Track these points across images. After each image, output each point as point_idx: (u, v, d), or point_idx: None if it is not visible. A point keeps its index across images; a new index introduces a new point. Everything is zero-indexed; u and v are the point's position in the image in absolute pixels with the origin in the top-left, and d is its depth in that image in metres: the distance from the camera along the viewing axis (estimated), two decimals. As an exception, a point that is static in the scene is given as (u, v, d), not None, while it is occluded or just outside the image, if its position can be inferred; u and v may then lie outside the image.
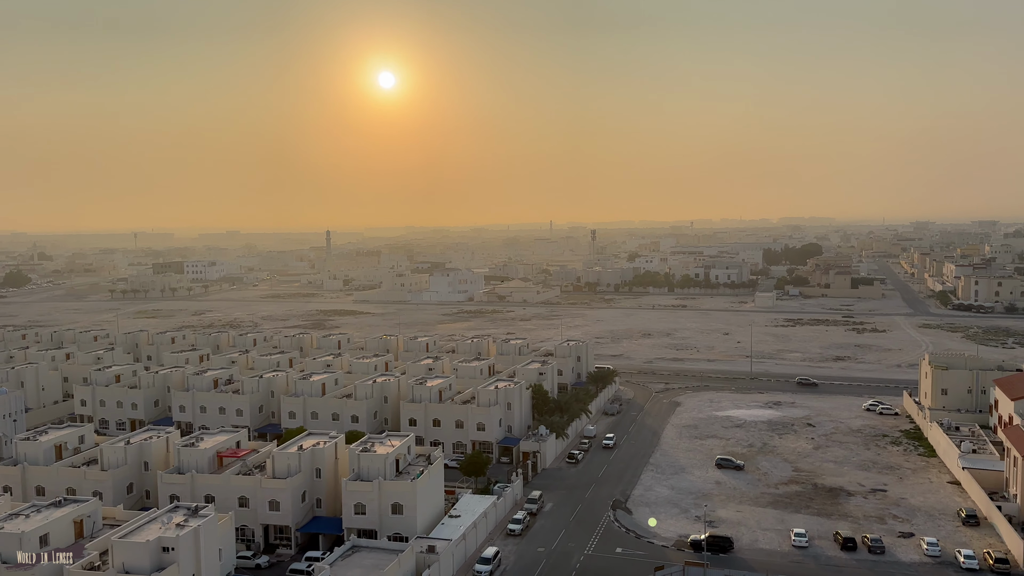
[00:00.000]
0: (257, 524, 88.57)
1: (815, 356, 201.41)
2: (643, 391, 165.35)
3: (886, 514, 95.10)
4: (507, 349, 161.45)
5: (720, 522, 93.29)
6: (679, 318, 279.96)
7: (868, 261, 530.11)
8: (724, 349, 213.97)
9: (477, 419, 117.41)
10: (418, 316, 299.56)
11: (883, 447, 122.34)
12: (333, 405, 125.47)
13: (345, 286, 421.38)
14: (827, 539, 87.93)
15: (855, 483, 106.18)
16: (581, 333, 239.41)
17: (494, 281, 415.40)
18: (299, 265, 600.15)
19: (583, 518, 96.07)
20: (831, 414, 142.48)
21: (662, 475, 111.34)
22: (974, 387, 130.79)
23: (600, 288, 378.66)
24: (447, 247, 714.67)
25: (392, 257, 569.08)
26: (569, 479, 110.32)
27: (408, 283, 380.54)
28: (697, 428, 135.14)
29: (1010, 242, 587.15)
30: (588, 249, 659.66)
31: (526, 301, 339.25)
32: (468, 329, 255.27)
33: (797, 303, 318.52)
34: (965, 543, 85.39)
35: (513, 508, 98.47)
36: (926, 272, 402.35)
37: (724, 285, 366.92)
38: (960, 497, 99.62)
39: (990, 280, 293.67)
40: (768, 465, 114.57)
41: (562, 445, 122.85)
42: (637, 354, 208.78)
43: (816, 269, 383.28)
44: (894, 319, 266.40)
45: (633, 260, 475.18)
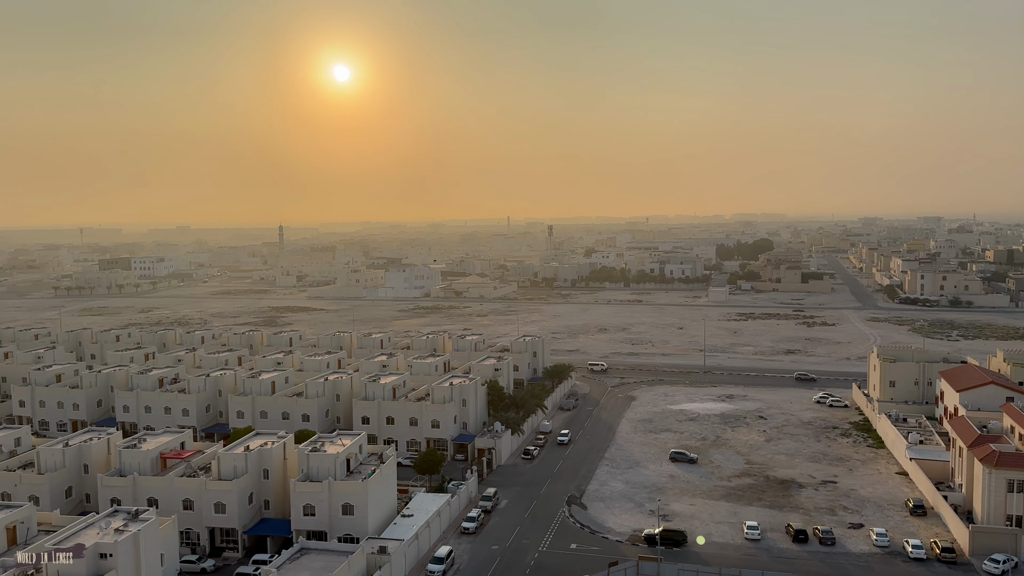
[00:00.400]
0: (202, 527, 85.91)
1: (767, 350, 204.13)
2: (599, 386, 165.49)
3: (836, 505, 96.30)
4: (463, 345, 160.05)
5: (674, 516, 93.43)
6: (635, 313, 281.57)
7: (818, 256, 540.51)
8: (678, 343, 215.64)
9: (432, 416, 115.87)
10: (373, 312, 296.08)
11: (833, 439, 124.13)
12: (283, 404, 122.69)
13: (299, 282, 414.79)
14: (779, 531, 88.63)
15: (806, 475, 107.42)
16: (538, 328, 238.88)
17: (451, 277, 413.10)
18: (251, 261, 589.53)
19: (538, 515, 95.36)
20: (782, 407, 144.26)
21: (617, 470, 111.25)
22: (921, 379, 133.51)
23: (557, 283, 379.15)
24: (404, 243, 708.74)
25: (348, 253, 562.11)
26: (524, 475, 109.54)
27: (363, 279, 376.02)
28: (652, 422, 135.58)
29: (954, 237, 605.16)
30: (545, 245, 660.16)
31: (483, 297, 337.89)
32: (424, 325, 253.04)
33: (749, 297, 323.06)
34: (913, 533, 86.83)
35: (468, 506, 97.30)
36: (874, 267, 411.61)
37: (679, 280, 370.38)
38: (908, 488, 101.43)
39: (935, 274, 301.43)
40: (721, 458, 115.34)
41: (518, 441, 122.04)
42: (593, 349, 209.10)
43: (768, 264, 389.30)
44: (843, 313, 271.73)
45: (590, 256, 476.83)
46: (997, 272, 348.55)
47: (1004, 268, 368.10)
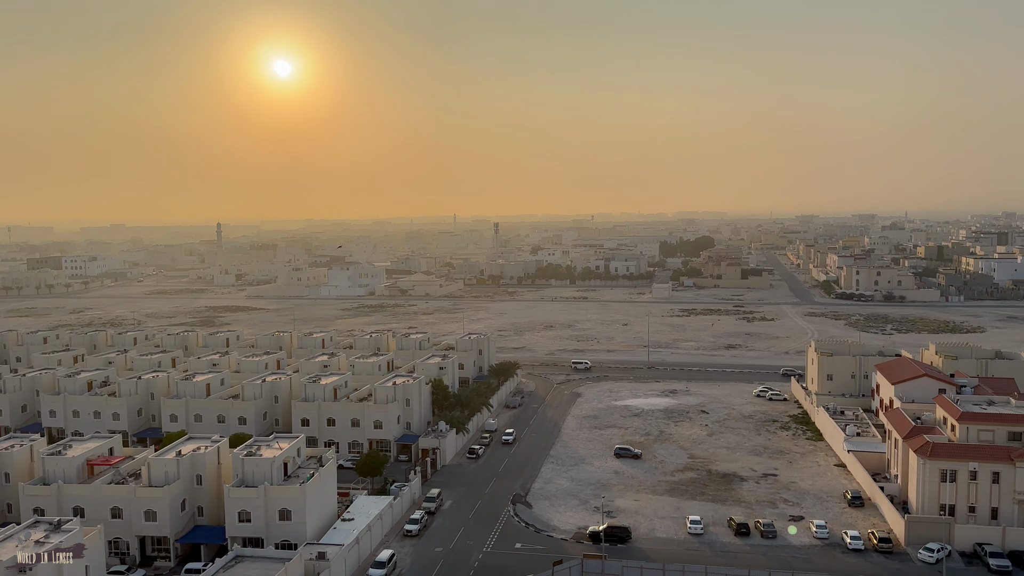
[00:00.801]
0: (132, 536, 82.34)
1: (708, 344, 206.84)
2: (545, 383, 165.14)
3: (777, 498, 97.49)
4: (407, 344, 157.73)
5: (618, 512, 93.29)
6: (580, 310, 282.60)
7: (757, 253, 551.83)
8: (623, 339, 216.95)
9: (374, 417, 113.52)
10: (316, 312, 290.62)
11: (773, 432, 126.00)
12: (218, 406, 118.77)
13: (238, 281, 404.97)
14: (722, 525, 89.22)
15: (747, 468, 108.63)
16: (484, 326, 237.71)
17: (396, 275, 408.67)
18: (188, 259, 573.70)
19: (483, 514, 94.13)
20: (724, 401, 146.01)
21: (562, 467, 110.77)
22: (857, 372, 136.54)
23: (503, 281, 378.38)
24: (348, 240, 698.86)
25: (289, 251, 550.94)
26: (469, 475, 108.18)
27: (305, 277, 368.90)
28: (597, 418, 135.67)
29: (887, 234, 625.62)
30: (492, 242, 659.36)
31: (429, 295, 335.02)
32: (368, 324, 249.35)
33: (691, 294, 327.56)
34: (851, 524, 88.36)
35: (411, 508, 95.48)
36: (811, 263, 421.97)
37: (623, 277, 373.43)
38: (846, 479, 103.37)
39: (870, 270, 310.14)
40: (664, 453, 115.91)
41: (463, 440, 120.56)
42: (539, 346, 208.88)
43: (709, 261, 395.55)
44: (782, 308, 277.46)
45: (536, 253, 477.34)
46: (928, 268, 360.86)
47: (935, 264, 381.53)
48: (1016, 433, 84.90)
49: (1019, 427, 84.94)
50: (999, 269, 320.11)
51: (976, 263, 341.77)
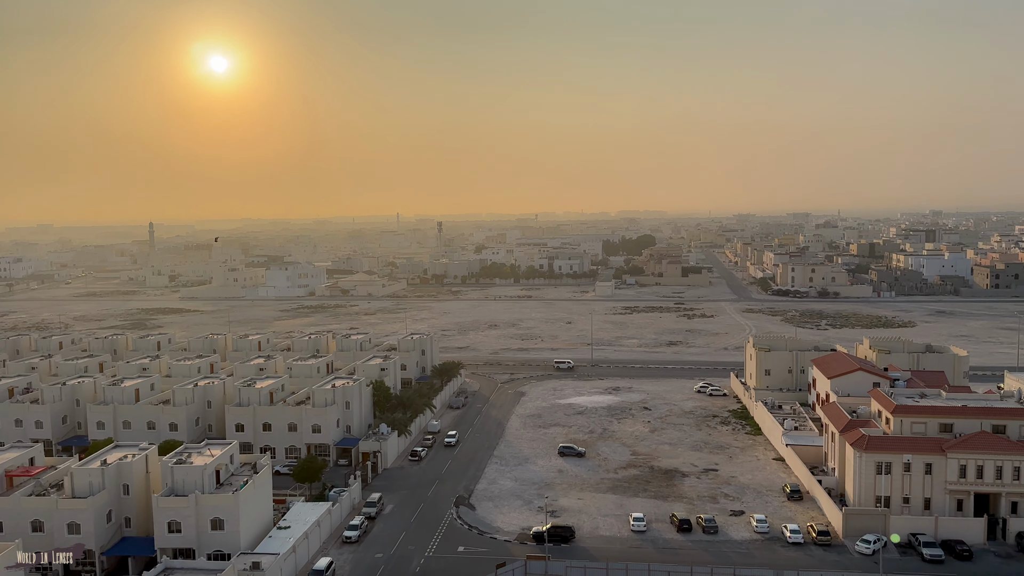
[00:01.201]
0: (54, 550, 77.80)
1: (650, 342, 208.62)
2: (489, 382, 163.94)
3: (718, 493, 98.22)
4: (348, 345, 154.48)
5: (562, 511, 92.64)
6: (524, 308, 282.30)
7: (697, 251, 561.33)
8: (567, 338, 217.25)
9: (312, 421, 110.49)
10: (253, 313, 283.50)
11: (714, 427, 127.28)
12: (148, 413, 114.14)
13: (171, 282, 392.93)
14: (664, 522, 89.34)
15: (689, 464, 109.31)
16: (427, 326, 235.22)
17: (337, 275, 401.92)
18: (119, 260, 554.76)
19: (425, 518, 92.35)
20: (665, 397, 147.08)
21: (506, 467, 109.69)
22: (794, 367, 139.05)
23: (447, 280, 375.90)
24: (287, 240, 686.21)
25: (226, 251, 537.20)
26: (412, 478, 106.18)
27: (242, 278, 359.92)
28: (541, 417, 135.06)
29: (821, 232, 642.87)
30: (435, 242, 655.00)
31: (371, 295, 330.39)
32: (308, 325, 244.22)
33: (634, 292, 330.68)
34: (791, 518, 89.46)
35: (350, 513, 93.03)
36: (748, 260, 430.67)
37: (567, 275, 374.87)
38: (785, 473, 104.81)
39: (804, 267, 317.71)
40: (608, 450, 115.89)
41: (405, 443, 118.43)
42: (483, 345, 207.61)
43: (650, 259, 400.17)
44: (720, 305, 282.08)
45: (480, 252, 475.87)
46: (860, 264, 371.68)
47: (867, 261, 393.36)
48: (947, 425, 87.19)
49: (950, 419, 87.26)
50: (928, 265, 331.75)
51: (906, 260, 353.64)
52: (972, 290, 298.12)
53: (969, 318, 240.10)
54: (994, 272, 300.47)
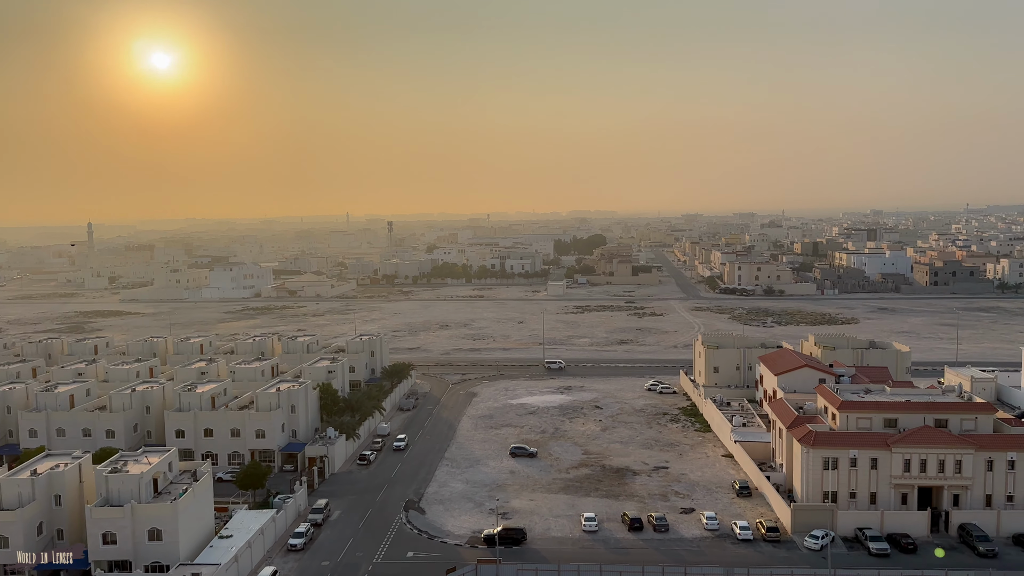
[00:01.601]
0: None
1: (602, 340, 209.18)
2: (440, 383, 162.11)
3: (668, 491, 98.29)
4: (294, 347, 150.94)
5: (514, 513, 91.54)
6: (476, 308, 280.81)
7: (646, 251, 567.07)
8: (519, 337, 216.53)
9: (256, 426, 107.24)
10: (196, 315, 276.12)
11: (664, 425, 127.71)
12: (83, 419, 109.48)
13: (111, 284, 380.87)
14: (616, 521, 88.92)
15: (640, 462, 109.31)
16: (378, 327, 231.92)
17: (285, 276, 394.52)
18: (57, 262, 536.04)
19: (373, 523, 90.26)
20: (617, 395, 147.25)
21: (457, 469, 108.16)
22: (742, 364, 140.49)
23: (398, 280, 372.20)
24: (232, 240, 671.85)
25: (168, 251, 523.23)
26: (360, 482, 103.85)
27: (185, 279, 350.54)
28: (492, 418, 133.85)
29: (766, 231, 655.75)
30: (386, 241, 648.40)
31: (319, 296, 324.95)
32: (254, 327, 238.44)
33: (585, 291, 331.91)
34: (740, 514, 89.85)
35: (296, 520, 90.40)
36: (696, 260, 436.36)
37: (519, 275, 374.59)
38: (734, 469, 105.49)
39: (751, 266, 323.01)
40: (560, 450, 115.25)
41: (353, 447, 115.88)
42: (435, 346, 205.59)
43: (601, 258, 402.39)
44: (670, 303, 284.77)
45: (431, 252, 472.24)
46: (804, 263, 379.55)
47: (810, 259, 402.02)
48: (891, 420, 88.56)
49: (894, 414, 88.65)
50: (869, 263, 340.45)
51: (848, 258, 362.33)
52: (912, 287, 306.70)
53: (910, 314, 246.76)
54: (933, 270, 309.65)
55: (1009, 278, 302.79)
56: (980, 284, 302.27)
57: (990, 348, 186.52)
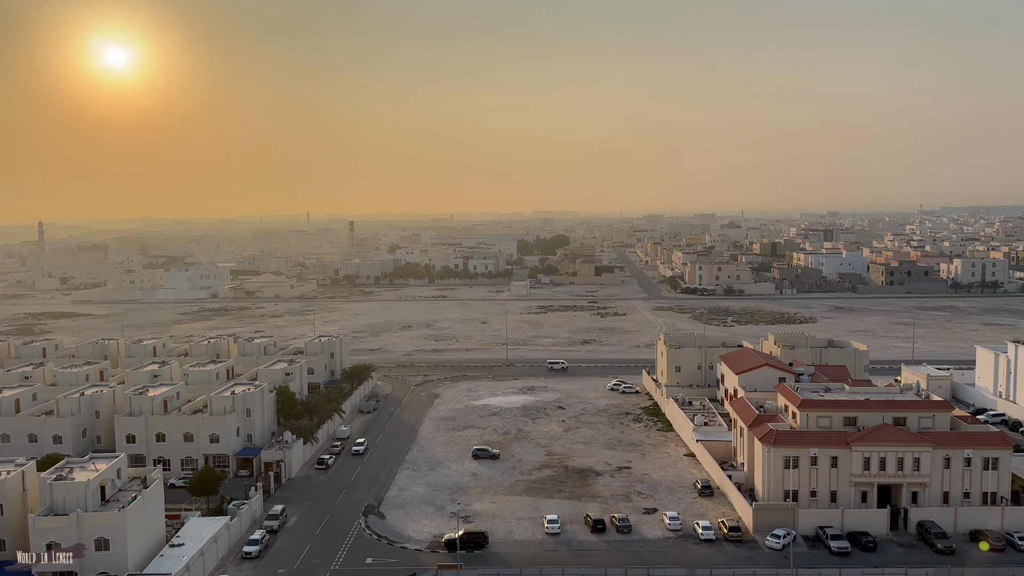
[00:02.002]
0: (-89, 584, 70.28)
1: (565, 340, 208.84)
2: (402, 385, 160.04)
3: (631, 491, 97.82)
4: (250, 349, 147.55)
5: (476, 516, 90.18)
6: (439, 309, 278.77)
7: (609, 251, 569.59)
8: (482, 338, 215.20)
9: (210, 430, 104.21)
10: (151, 316, 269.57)
11: (627, 425, 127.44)
12: (29, 424, 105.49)
13: (63, 285, 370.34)
14: (579, 523, 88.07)
15: (603, 462, 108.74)
16: (338, 328, 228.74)
17: (243, 276, 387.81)
18: (7, 262, 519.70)
19: (331, 529, 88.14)
20: (580, 395, 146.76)
21: (418, 472, 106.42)
22: (703, 363, 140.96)
23: (359, 281, 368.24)
24: (189, 240, 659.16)
25: (123, 251, 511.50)
26: (318, 487, 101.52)
27: (139, 280, 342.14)
28: (455, 419, 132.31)
29: (726, 232, 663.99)
30: (347, 241, 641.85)
31: (278, 296, 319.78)
32: (210, 329, 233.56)
33: (548, 291, 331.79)
34: (702, 514, 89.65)
35: (251, 527, 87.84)
36: (658, 260, 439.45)
37: (482, 275, 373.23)
38: (696, 469, 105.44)
39: (711, 266, 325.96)
40: (522, 451, 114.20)
41: (311, 451, 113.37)
42: (397, 347, 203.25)
43: (565, 259, 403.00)
44: (632, 303, 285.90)
45: (394, 252, 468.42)
46: (763, 263, 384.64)
47: (769, 259, 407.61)
48: (851, 418, 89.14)
49: (854, 412, 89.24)
50: (826, 263, 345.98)
51: (806, 258, 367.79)
52: (868, 287, 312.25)
53: (866, 314, 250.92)
54: (889, 269, 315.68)
55: (962, 278, 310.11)
56: (934, 283, 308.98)
57: (944, 347, 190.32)
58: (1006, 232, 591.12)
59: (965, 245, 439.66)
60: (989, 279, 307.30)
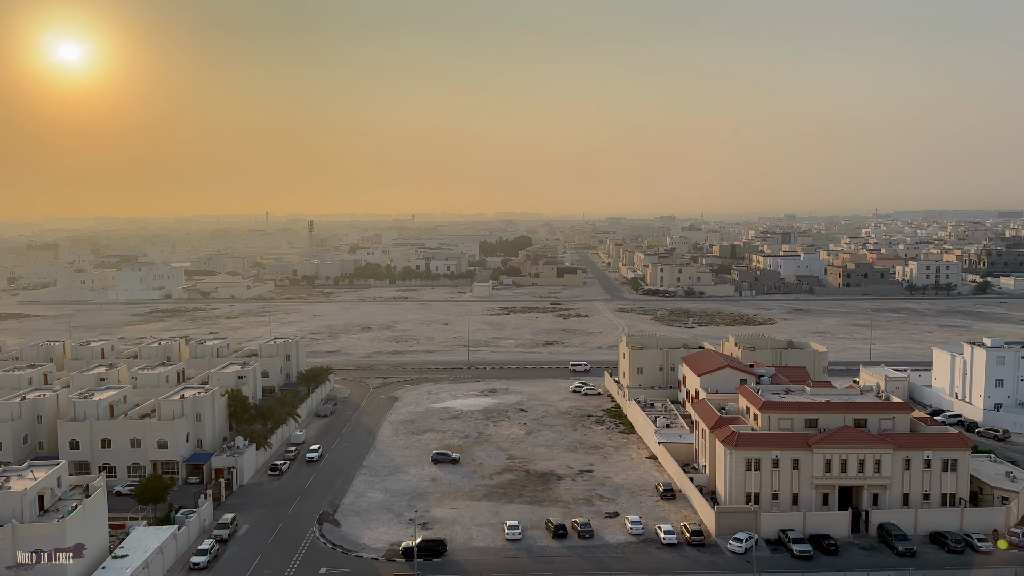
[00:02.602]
0: None
1: (527, 342, 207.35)
2: (360, 388, 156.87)
3: (593, 495, 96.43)
4: (202, 351, 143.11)
5: (434, 523, 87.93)
6: (400, 310, 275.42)
7: (571, 252, 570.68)
8: (443, 339, 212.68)
9: (158, 435, 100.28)
10: (101, 318, 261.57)
11: (588, 427, 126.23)
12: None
13: (11, 285, 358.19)
14: (540, 528, 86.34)
15: (564, 466, 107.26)
16: (296, 329, 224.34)
17: (198, 276, 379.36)
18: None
19: (284, 538, 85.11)
20: (542, 398, 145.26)
21: (376, 478, 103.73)
22: (665, 365, 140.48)
23: (319, 282, 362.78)
24: (144, 239, 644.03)
25: (74, 251, 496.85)
26: (271, 494, 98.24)
27: (90, 280, 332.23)
28: (415, 423, 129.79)
29: (686, 234, 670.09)
30: (307, 241, 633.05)
31: (234, 297, 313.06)
32: (162, 330, 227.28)
33: (511, 292, 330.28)
34: (664, 518, 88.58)
35: (200, 537, 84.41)
36: (620, 261, 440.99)
37: (444, 276, 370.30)
38: (658, 472, 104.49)
39: (672, 267, 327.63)
40: (483, 455, 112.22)
41: (264, 456, 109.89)
42: (356, 349, 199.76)
43: (527, 260, 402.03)
44: (594, 304, 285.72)
45: (355, 252, 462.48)
46: (723, 265, 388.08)
47: (728, 261, 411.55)
48: (812, 420, 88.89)
49: (815, 414, 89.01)
50: (785, 266, 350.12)
51: (765, 260, 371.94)
52: (826, 289, 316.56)
53: (824, 315, 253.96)
54: (845, 272, 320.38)
55: (917, 280, 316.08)
56: (890, 286, 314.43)
57: (901, 348, 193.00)
58: (958, 236, 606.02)
59: (919, 248, 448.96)
60: (943, 281, 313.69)
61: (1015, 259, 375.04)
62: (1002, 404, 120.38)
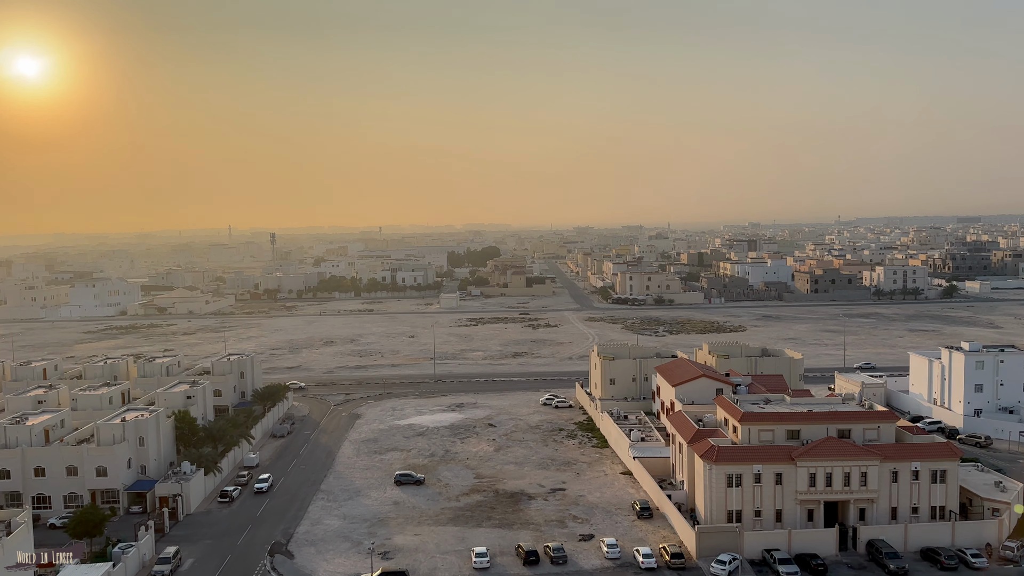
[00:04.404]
0: None
1: (496, 354, 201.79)
2: (321, 405, 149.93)
3: (566, 515, 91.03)
4: (151, 370, 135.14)
5: (396, 551, 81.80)
6: (365, 323, 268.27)
7: (540, 262, 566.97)
8: (409, 352, 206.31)
9: (96, 462, 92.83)
10: (52, 336, 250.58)
11: (560, 441, 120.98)
12: None
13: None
14: (510, 554, 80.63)
15: (535, 484, 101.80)
16: (255, 345, 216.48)
17: (155, 291, 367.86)
18: None
19: (232, 572, 78.33)
20: (511, 412, 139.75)
21: (334, 503, 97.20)
22: (637, 375, 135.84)
23: (281, 295, 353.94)
24: (101, 255, 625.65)
25: (28, 267, 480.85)
26: (220, 524, 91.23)
27: (42, 297, 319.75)
28: (377, 441, 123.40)
29: (654, 243, 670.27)
30: (270, 255, 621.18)
31: (192, 313, 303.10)
32: (115, 348, 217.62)
33: (479, 303, 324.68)
34: (642, 539, 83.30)
35: (139, 573, 77.30)
36: (589, 271, 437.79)
37: (411, 288, 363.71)
38: (633, 488, 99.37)
39: (641, 276, 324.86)
40: (449, 475, 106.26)
41: (214, 482, 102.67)
42: (317, 364, 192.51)
43: (495, 270, 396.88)
44: (564, 314, 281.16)
45: (319, 265, 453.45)
46: (691, 273, 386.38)
47: (696, 269, 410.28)
48: (794, 431, 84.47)
49: (797, 425, 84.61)
50: (752, 272, 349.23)
51: (732, 267, 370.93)
52: (794, 295, 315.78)
53: (794, 321, 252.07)
54: (813, 278, 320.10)
55: (884, 285, 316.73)
56: (858, 291, 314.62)
57: (873, 353, 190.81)
58: (920, 241, 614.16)
59: (884, 254, 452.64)
60: (910, 286, 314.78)
61: (979, 263, 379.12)
62: (982, 410, 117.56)
